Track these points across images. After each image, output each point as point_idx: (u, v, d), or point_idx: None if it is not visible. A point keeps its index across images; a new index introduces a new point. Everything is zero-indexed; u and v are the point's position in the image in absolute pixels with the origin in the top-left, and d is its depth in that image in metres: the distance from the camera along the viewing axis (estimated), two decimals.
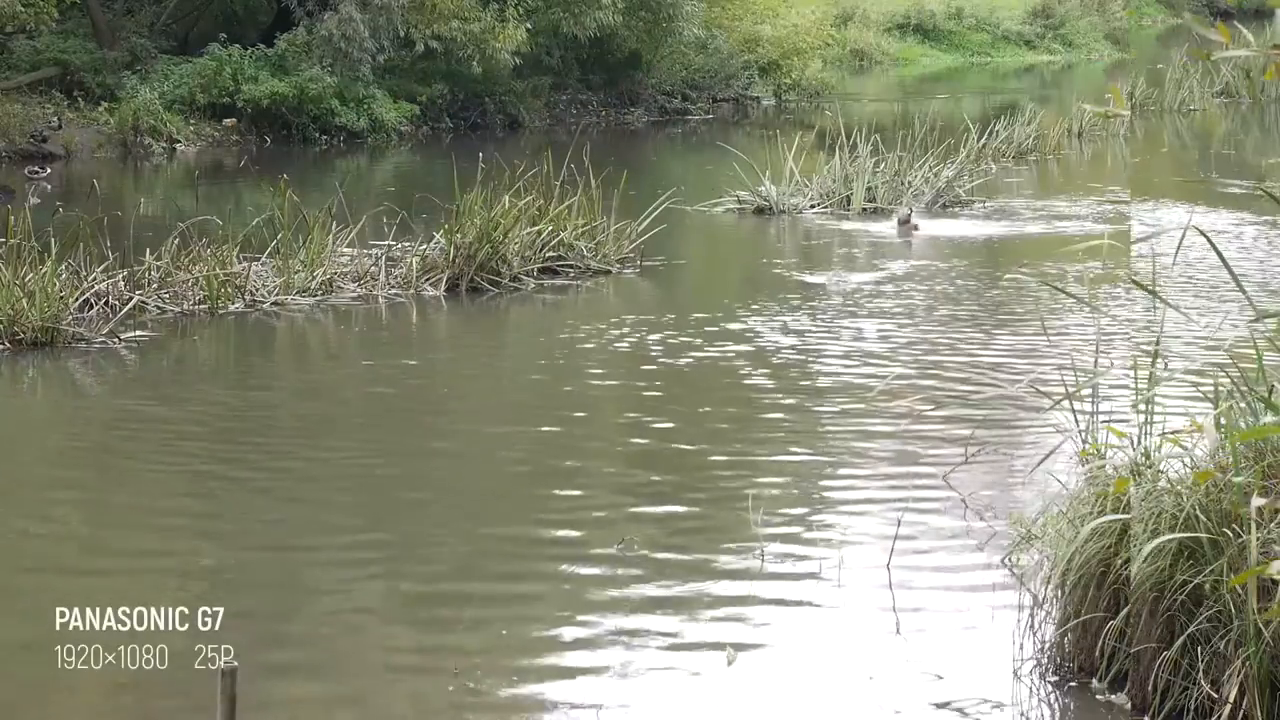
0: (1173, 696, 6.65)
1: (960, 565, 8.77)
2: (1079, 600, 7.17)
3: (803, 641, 7.84)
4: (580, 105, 37.28)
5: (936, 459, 10.51)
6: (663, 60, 38.90)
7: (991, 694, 7.17)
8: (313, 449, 11.52)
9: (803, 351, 14.05)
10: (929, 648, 7.69)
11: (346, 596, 8.65)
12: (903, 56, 57.75)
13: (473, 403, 13.16)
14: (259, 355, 14.97)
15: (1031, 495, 9.21)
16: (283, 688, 7.55)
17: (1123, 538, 7.07)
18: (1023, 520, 8.18)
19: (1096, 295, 15.47)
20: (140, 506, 10.25)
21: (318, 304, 16.16)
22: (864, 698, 7.22)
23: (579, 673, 7.57)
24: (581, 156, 18.35)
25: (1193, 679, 6.57)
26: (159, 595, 8.08)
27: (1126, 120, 33.68)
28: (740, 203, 22.86)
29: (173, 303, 15.59)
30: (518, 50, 32.79)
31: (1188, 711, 6.59)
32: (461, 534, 9.73)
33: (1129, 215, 22.07)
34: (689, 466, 10.91)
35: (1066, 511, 7.39)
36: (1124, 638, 7.02)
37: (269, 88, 31.02)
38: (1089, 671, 7.20)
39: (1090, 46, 60.55)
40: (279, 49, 31.68)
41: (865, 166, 22.69)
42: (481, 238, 16.84)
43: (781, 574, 8.67)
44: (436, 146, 31.76)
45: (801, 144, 23.23)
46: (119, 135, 29.86)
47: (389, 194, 22.03)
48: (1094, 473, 7.41)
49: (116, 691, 7.41)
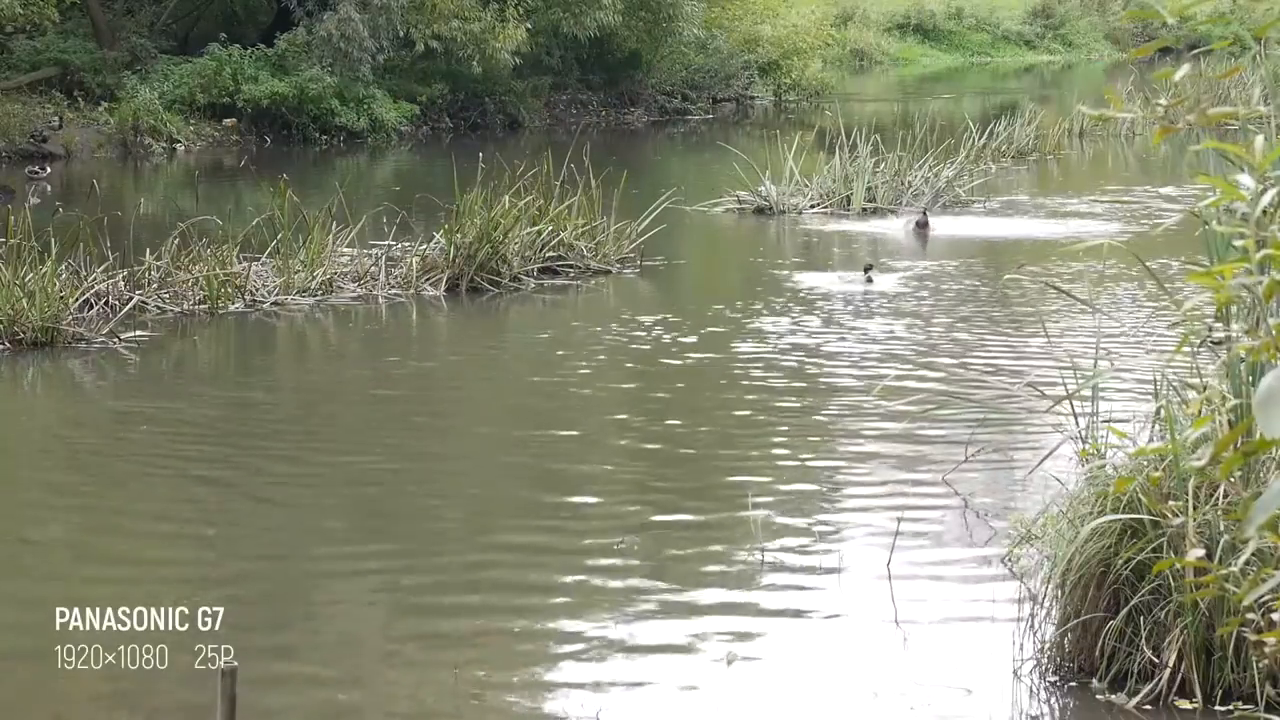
0: (1118, 661, 7.13)
1: (960, 565, 8.78)
2: (1079, 600, 7.20)
3: (803, 642, 7.84)
4: (580, 105, 37.30)
5: (936, 459, 10.52)
6: (663, 60, 38.92)
7: (991, 693, 7.17)
8: (313, 450, 11.52)
9: (803, 351, 14.05)
10: (929, 647, 7.69)
11: (347, 598, 8.66)
12: (903, 56, 57.78)
13: (473, 404, 13.16)
14: (259, 356, 14.97)
15: (1031, 495, 9.23)
16: (283, 687, 7.55)
17: (1122, 537, 7.12)
18: (1022, 520, 8.20)
19: (1098, 295, 15.47)
20: (140, 507, 10.26)
21: (318, 304, 16.17)
22: (863, 698, 7.22)
23: (580, 673, 7.57)
24: (581, 156, 18.35)
25: (1136, 645, 7.08)
26: (159, 596, 8.09)
27: (1127, 122, 33.70)
28: (740, 203, 22.87)
29: (173, 303, 15.60)
30: (518, 50, 32.80)
31: (1131, 675, 7.08)
32: (461, 535, 9.74)
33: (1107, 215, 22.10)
34: (689, 467, 10.92)
35: (1066, 511, 7.42)
36: (1124, 637, 7.08)
37: (269, 88, 31.04)
38: (1089, 671, 7.22)
39: (1090, 46, 60.60)
40: (279, 49, 31.70)
41: (865, 166, 22.69)
42: (481, 238, 16.85)
43: (781, 574, 8.68)
44: (436, 146, 31.78)
45: (801, 144, 23.23)
46: (119, 135, 29.88)
47: (389, 194, 22.05)
48: (1094, 473, 7.44)
49: (117, 691, 7.41)
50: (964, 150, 24.83)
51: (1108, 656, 7.13)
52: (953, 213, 22.38)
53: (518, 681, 7.52)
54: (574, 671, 7.60)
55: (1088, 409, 8.08)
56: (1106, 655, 7.13)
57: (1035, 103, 37.13)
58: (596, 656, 7.72)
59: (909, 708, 7.10)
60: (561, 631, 8.05)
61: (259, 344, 15.29)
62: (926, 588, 8.43)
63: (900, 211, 21.95)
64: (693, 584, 8.59)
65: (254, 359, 14.84)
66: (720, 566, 8.88)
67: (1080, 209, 23.12)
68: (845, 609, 8.22)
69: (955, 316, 15.49)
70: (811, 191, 22.87)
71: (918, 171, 23.07)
